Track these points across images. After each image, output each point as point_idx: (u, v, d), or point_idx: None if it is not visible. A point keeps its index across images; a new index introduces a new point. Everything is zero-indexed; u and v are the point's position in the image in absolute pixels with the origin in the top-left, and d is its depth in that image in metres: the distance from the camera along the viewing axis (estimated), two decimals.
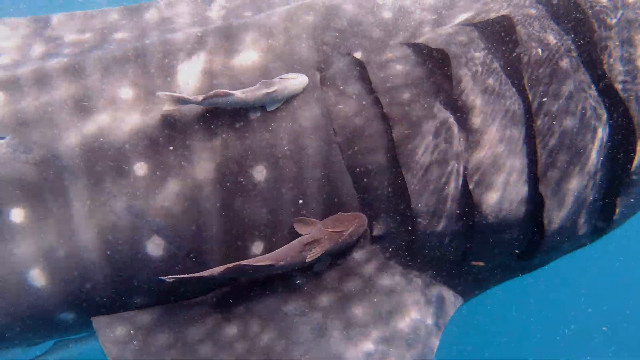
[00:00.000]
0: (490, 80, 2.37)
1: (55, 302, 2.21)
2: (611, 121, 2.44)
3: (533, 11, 2.47)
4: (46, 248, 2.14)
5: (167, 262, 2.27)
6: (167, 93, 2.19)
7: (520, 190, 2.35)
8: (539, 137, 2.33)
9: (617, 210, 2.54)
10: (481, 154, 2.32)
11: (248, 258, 2.35)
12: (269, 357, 2.16)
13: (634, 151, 2.40)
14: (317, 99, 2.41)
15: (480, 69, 2.38)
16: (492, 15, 2.48)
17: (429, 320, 2.40)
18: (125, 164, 2.21)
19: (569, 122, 2.34)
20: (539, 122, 2.34)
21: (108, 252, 2.19)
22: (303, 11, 2.51)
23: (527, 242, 2.53)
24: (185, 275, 2.17)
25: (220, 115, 2.31)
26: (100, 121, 2.24)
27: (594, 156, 2.39)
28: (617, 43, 2.41)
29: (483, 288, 2.78)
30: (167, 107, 2.21)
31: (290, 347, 2.19)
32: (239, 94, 2.23)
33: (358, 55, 2.47)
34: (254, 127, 2.33)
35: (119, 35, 2.55)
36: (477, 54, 2.39)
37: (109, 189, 2.20)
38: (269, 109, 2.35)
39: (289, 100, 2.37)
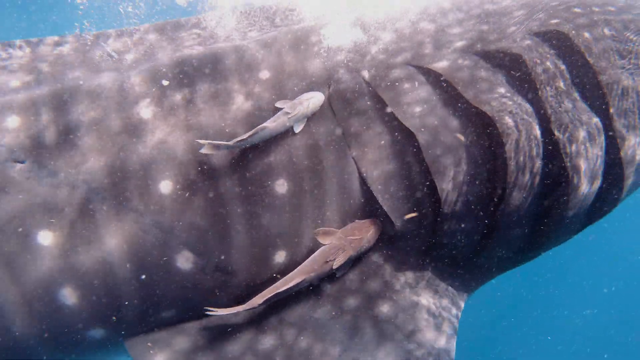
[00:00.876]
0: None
1: (86, 319, 2.22)
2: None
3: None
4: (76, 267, 2.16)
5: (196, 275, 2.32)
6: (206, 141, 2.28)
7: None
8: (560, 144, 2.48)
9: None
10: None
11: (272, 267, 2.46)
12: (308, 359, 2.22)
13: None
14: (330, 114, 2.59)
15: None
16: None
17: (447, 309, 2.54)
18: (150, 182, 2.27)
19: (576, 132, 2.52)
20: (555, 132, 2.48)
21: (138, 268, 2.22)
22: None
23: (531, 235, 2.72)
24: (229, 310, 2.23)
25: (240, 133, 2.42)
26: (123, 141, 2.31)
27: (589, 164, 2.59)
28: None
29: (488, 278, 2.94)
30: (206, 151, 2.28)
31: (328, 349, 2.26)
32: (270, 125, 2.35)
33: (365, 74, 2.65)
34: (273, 143, 2.46)
35: (130, 57, 2.65)
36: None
37: (136, 207, 2.24)
38: (297, 131, 2.48)
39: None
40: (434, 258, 2.65)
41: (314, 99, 2.49)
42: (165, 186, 2.29)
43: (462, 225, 2.52)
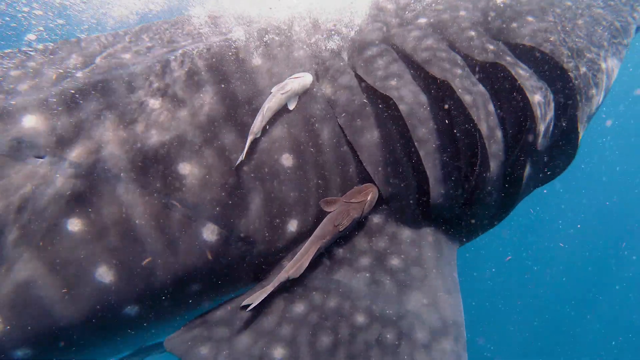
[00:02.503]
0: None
1: (122, 296, 2.30)
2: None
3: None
4: (109, 247, 2.26)
5: (221, 245, 2.48)
6: (242, 154, 2.53)
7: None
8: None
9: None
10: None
11: (286, 236, 2.66)
12: (341, 316, 2.40)
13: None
14: (320, 92, 2.90)
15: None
16: None
17: (446, 253, 2.83)
18: (169, 165, 2.44)
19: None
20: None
21: (167, 243, 2.36)
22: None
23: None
24: (263, 294, 2.38)
25: (244, 117, 2.67)
26: (138, 129, 2.47)
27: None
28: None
29: (476, 233, 3.26)
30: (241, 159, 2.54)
31: (356, 303, 2.46)
32: (270, 104, 2.62)
33: (344, 55, 3.04)
34: (274, 123, 2.72)
35: (128, 55, 2.86)
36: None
37: (159, 189, 2.40)
38: (291, 107, 2.77)
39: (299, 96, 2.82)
40: (426, 216, 2.94)
41: (303, 78, 2.80)
42: (184, 167, 2.46)
43: (446, 188, 2.82)
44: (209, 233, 2.46)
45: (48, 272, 2.16)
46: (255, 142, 2.64)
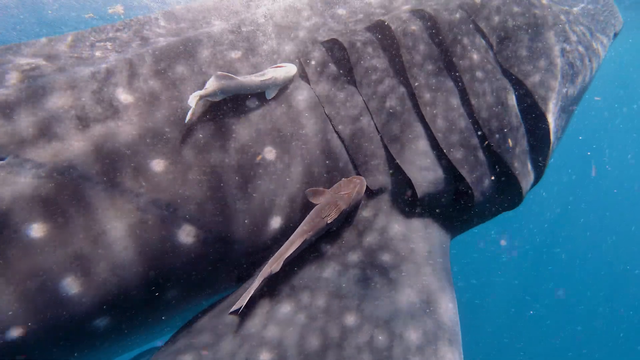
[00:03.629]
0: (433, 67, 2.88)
1: (91, 307, 2.13)
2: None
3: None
4: (76, 255, 2.09)
5: (199, 248, 2.32)
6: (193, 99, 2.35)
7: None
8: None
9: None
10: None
11: (269, 234, 2.51)
12: (330, 316, 2.25)
13: None
14: (304, 84, 2.76)
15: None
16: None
17: (439, 246, 2.71)
18: (141, 162, 2.28)
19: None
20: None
21: (140, 248, 2.19)
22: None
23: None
24: (248, 294, 2.25)
25: (222, 107, 2.51)
26: (107, 126, 2.30)
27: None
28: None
29: (464, 228, 3.17)
30: (191, 115, 2.36)
31: (345, 302, 2.31)
32: (240, 78, 2.46)
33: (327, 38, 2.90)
34: (256, 115, 2.57)
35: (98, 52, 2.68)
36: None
37: (130, 188, 2.22)
38: (268, 97, 2.62)
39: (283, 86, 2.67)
40: (416, 208, 2.82)
41: (287, 68, 2.65)
42: (157, 164, 2.29)
43: (433, 177, 2.73)
44: (185, 235, 2.29)
45: (5, 284, 1.98)
46: (235, 134, 2.48)
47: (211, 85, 2.39)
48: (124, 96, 2.40)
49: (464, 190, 2.88)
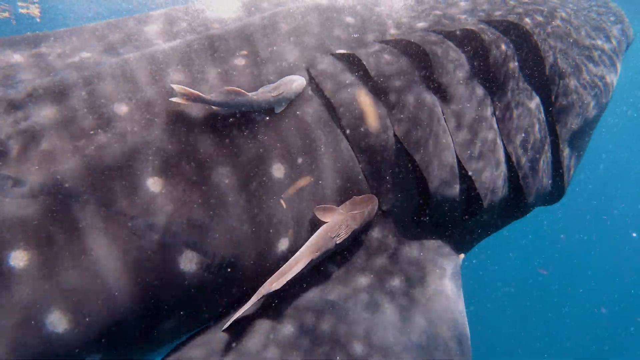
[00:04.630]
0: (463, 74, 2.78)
1: (81, 345, 1.89)
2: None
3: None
4: (63, 287, 1.84)
5: (202, 275, 2.10)
6: (182, 87, 2.11)
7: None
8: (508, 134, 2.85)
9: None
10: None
11: (276, 257, 2.32)
12: (336, 342, 2.10)
13: None
14: (313, 94, 2.56)
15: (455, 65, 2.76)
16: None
17: (450, 268, 2.60)
18: (136, 181, 2.04)
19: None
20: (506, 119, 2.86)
21: (137, 278, 1.96)
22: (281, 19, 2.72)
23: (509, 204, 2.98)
24: (243, 309, 2.06)
25: (227, 121, 2.30)
26: (99, 140, 2.05)
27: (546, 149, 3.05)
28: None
29: (476, 242, 3.08)
30: (177, 101, 2.12)
31: (352, 328, 2.16)
32: (251, 94, 2.25)
33: (341, 51, 2.71)
34: (263, 129, 2.36)
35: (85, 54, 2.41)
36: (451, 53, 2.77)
37: (125, 210, 1.98)
38: (277, 111, 2.40)
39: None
40: (428, 226, 2.71)
41: (297, 82, 2.45)
42: (154, 183, 2.06)
43: (445, 192, 2.63)
44: (187, 262, 2.06)
45: None
46: (240, 149, 2.27)
47: (217, 96, 2.18)
48: (117, 106, 2.16)
49: (472, 207, 2.80)
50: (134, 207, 2.00)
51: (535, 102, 2.93)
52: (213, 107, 2.23)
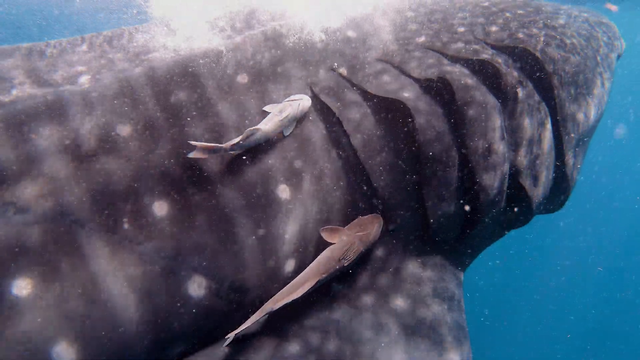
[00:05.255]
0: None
1: None
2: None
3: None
4: (69, 316, 1.77)
5: (211, 300, 2.07)
6: (199, 143, 2.07)
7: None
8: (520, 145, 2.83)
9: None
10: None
11: (283, 278, 2.30)
12: None
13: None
14: (315, 115, 2.56)
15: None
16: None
17: (452, 284, 2.62)
18: (141, 205, 1.99)
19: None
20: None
21: (145, 305, 1.91)
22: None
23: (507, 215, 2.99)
24: (245, 325, 2.04)
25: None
26: (102, 163, 2.00)
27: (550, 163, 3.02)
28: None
29: (475, 255, 3.10)
30: (197, 156, 2.07)
31: (358, 349, 2.16)
32: (263, 127, 2.22)
33: (343, 70, 2.71)
34: (265, 149, 2.34)
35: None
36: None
37: (131, 236, 1.94)
38: (286, 134, 2.38)
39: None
40: (429, 245, 2.72)
41: (303, 101, 2.43)
42: (160, 207, 2.02)
43: (446, 210, 2.62)
44: (196, 287, 2.03)
45: None
46: (246, 171, 2.24)
47: (235, 143, 2.15)
48: (121, 127, 2.11)
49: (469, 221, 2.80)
50: (140, 232, 1.95)
51: (542, 113, 2.94)
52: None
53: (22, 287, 1.74)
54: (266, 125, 2.24)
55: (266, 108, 2.38)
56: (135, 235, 1.94)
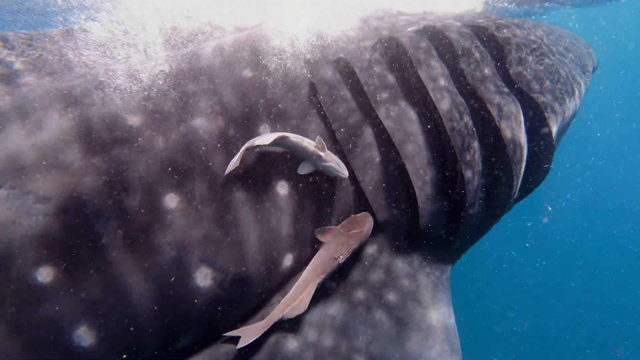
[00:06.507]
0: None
1: (104, 359, 1.95)
2: None
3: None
4: (88, 302, 1.88)
5: (216, 291, 2.20)
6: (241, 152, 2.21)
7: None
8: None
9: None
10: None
11: (282, 272, 2.46)
12: (340, 356, 2.26)
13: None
14: (315, 110, 2.69)
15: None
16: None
17: (440, 280, 2.78)
18: (154, 197, 2.10)
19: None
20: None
21: (156, 293, 2.02)
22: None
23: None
24: (258, 332, 2.17)
25: (238, 140, 2.40)
26: (117, 155, 2.10)
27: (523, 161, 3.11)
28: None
29: (463, 250, 3.28)
30: (234, 167, 2.22)
31: (353, 343, 2.32)
32: (292, 136, 2.31)
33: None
34: (268, 150, 2.47)
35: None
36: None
37: (144, 227, 2.04)
38: (300, 172, 2.41)
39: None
40: (417, 241, 2.87)
41: (340, 168, 2.45)
42: (171, 200, 2.13)
43: (433, 208, 2.75)
44: (203, 277, 2.15)
45: (11, 336, 1.77)
46: (248, 168, 2.38)
47: (269, 139, 2.25)
48: (131, 118, 2.21)
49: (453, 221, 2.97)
50: (152, 224, 2.06)
51: (516, 105, 3.09)
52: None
53: (45, 274, 1.85)
54: (297, 139, 2.32)
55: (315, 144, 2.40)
56: (148, 227, 2.06)
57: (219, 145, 2.33)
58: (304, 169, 2.39)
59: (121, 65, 2.39)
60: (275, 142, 2.29)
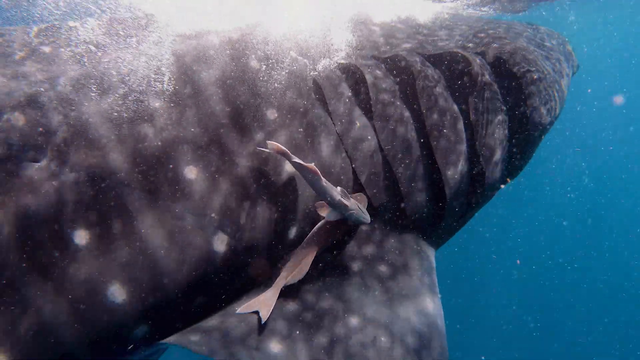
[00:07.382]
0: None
1: (134, 316, 2.19)
2: None
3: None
4: (119, 262, 2.14)
5: (231, 256, 2.46)
6: (274, 144, 2.48)
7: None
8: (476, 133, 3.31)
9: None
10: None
11: (287, 244, 2.73)
12: (335, 317, 2.49)
13: None
14: (320, 101, 2.98)
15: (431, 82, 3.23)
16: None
17: (427, 259, 3.05)
18: (175, 169, 2.36)
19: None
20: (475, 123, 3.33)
21: (179, 255, 2.28)
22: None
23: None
24: (270, 306, 2.36)
25: (249, 126, 2.67)
26: (143, 130, 2.36)
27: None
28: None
29: (451, 235, 3.57)
30: (264, 149, 2.53)
31: (348, 306, 2.57)
32: (324, 181, 2.53)
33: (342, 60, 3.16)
34: (277, 130, 2.75)
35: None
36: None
37: (166, 196, 2.31)
38: (330, 218, 2.63)
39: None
40: (407, 223, 3.15)
41: (364, 215, 2.69)
42: (190, 171, 2.39)
43: (418, 195, 3.10)
44: (219, 243, 2.41)
45: (57, 295, 2.01)
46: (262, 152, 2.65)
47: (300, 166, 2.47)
48: (153, 100, 2.46)
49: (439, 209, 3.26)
50: (173, 192, 2.33)
51: (502, 108, 3.44)
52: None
53: (82, 237, 2.11)
54: (325, 184, 2.52)
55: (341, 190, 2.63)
56: (170, 196, 2.32)
57: (232, 125, 2.60)
58: (332, 216, 2.65)
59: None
60: (303, 173, 2.52)
